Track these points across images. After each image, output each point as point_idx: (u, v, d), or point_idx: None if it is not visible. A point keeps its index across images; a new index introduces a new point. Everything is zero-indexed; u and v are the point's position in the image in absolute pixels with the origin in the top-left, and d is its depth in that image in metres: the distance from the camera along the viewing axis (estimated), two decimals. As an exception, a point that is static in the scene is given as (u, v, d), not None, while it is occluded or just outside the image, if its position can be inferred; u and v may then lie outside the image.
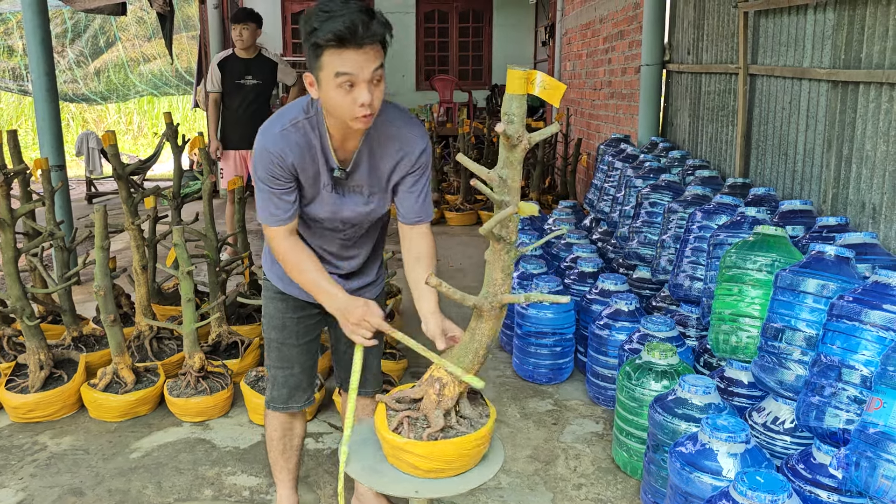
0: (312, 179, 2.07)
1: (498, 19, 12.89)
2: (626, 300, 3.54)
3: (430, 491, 1.87)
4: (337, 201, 2.11)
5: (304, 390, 2.44)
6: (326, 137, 2.02)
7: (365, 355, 2.35)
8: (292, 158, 2.00)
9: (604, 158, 5.51)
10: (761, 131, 4.23)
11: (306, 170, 2.04)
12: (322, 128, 2.02)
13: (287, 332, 2.35)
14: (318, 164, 2.05)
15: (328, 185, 2.08)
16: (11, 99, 14.99)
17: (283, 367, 2.39)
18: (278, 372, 2.39)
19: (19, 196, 3.98)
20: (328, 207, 2.12)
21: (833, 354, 2.21)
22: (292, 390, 2.41)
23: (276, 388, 2.41)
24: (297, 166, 2.02)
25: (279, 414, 2.44)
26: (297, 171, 2.03)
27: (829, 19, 3.47)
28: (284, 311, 2.34)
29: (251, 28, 5.80)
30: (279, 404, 2.42)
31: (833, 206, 3.43)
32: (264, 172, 2.02)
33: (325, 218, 2.15)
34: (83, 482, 2.92)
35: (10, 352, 3.79)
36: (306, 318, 2.36)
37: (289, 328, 2.35)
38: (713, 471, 2.18)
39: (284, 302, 2.33)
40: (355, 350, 2.10)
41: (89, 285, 5.32)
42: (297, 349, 2.37)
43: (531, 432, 3.30)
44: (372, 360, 2.52)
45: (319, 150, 2.04)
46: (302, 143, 2.01)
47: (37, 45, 5.01)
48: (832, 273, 2.42)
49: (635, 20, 6.23)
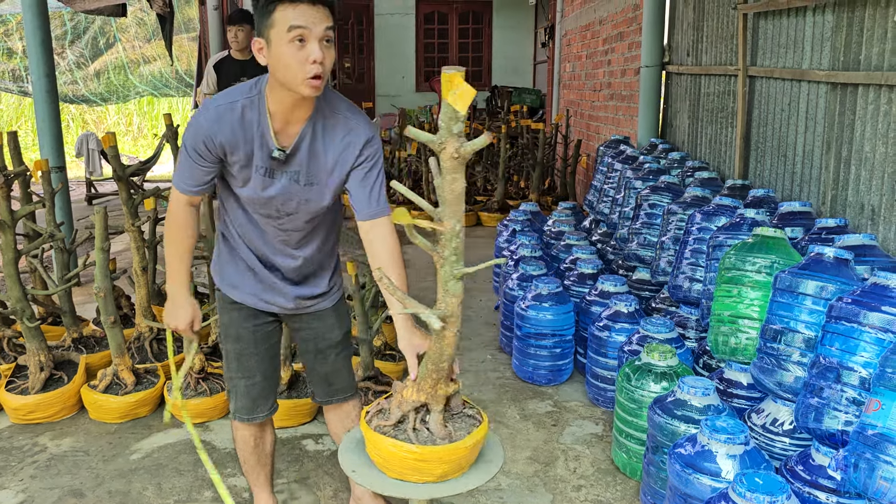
0: (244, 160, 2.03)
1: (497, 20, 12.91)
2: (625, 302, 3.54)
3: (428, 492, 1.87)
4: (269, 186, 2.06)
5: (267, 398, 2.40)
6: (266, 118, 2.00)
7: (325, 368, 2.39)
8: (222, 138, 1.99)
9: (603, 160, 5.52)
10: (760, 133, 4.24)
11: (237, 151, 2.02)
12: (263, 108, 2.00)
13: (244, 342, 2.30)
14: (252, 145, 2.01)
15: (262, 167, 2.04)
16: (11, 100, 15.00)
17: (245, 377, 2.33)
18: (240, 382, 2.34)
19: (19, 197, 3.98)
20: (261, 191, 2.07)
21: (832, 356, 2.21)
22: (256, 400, 2.37)
23: (239, 399, 2.36)
24: (226, 147, 2.01)
25: (248, 426, 2.41)
26: (226, 152, 2.02)
27: (828, 21, 3.48)
28: (239, 321, 2.29)
29: (246, 30, 5.81)
30: (245, 415, 2.38)
31: (832, 208, 3.44)
32: (191, 143, 2.03)
33: (258, 202, 2.09)
34: (83, 483, 2.93)
35: (10, 353, 3.80)
36: (262, 325, 2.31)
37: (245, 338, 2.30)
38: (712, 472, 2.18)
39: (238, 311, 2.28)
40: (167, 333, 2.30)
41: (89, 287, 5.32)
42: (256, 358, 2.32)
43: (531, 433, 3.31)
44: (337, 370, 2.43)
45: (257, 131, 2.00)
46: (236, 124, 1.99)
47: (37, 47, 5.02)
48: (831, 275, 2.43)
49: (635, 22, 6.24)
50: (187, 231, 2.15)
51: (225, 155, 2.03)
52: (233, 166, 2.05)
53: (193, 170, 2.07)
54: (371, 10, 12.78)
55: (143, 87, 11.64)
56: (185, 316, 2.19)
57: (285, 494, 2.83)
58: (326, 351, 2.37)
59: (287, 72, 1.89)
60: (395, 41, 12.88)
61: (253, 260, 2.21)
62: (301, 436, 3.28)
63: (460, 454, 1.87)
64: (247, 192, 2.09)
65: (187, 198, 2.13)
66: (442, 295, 1.71)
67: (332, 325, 2.35)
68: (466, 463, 1.93)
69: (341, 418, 2.49)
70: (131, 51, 11.49)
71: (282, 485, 2.88)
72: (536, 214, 5.63)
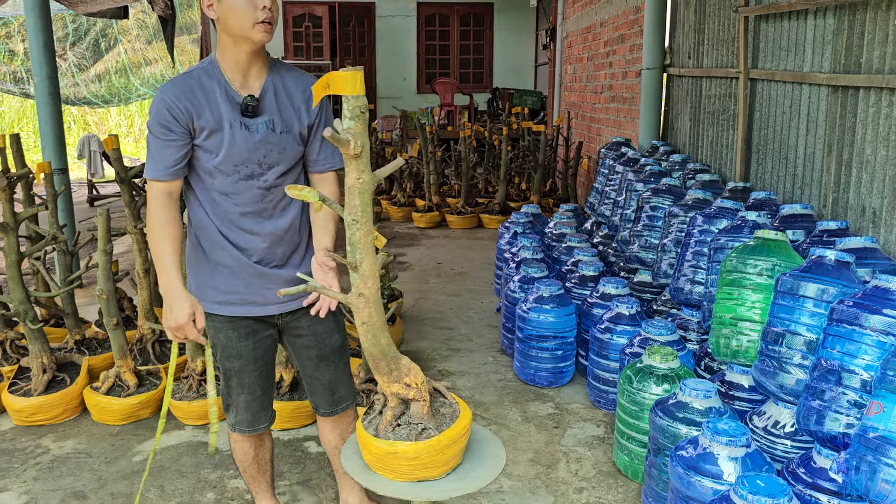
0: (214, 123, 2.06)
1: (499, 23, 12.92)
2: (626, 304, 3.55)
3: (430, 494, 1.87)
4: (248, 137, 2.09)
5: (267, 409, 2.42)
6: (224, 79, 2.08)
7: (328, 375, 2.38)
8: (186, 103, 2.03)
9: (605, 162, 5.52)
10: (762, 135, 4.24)
11: (203, 113, 2.05)
12: (218, 72, 2.08)
13: (244, 360, 2.28)
14: (218, 106, 2.06)
15: (236, 121, 2.08)
16: (13, 102, 15.02)
17: (245, 393, 2.33)
18: (241, 398, 2.34)
19: (22, 200, 4.00)
20: (241, 146, 2.09)
21: (833, 359, 2.22)
22: (256, 413, 2.37)
23: (239, 413, 2.36)
24: (192, 111, 2.04)
25: (248, 437, 2.41)
26: (192, 116, 2.04)
27: (829, 24, 3.49)
28: (238, 340, 2.26)
29: None
30: (246, 427, 2.38)
31: (833, 211, 3.44)
32: (155, 122, 2.05)
33: (239, 160, 2.10)
34: (86, 485, 2.93)
35: (13, 355, 3.80)
36: (261, 340, 2.30)
37: (245, 356, 2.28)
38: (714, 474, 2.19)
39: (235, 330, 2.25)
40: (173, 345, 2.25)
41: (91, 289, 5.33)
42: (255, 374, 2.32)
43: (532, 436, 3.31)
44: (340, 376, 2.43)
45: (219, 90, 2.07)
46: (196, 88, 2.05)
47: (39, 49, 5.03)
48: (832, 277, 2.43)
49: (636, 24, 6.25)
50: (170, 224, 2.10)
51: (192, 121, 2.05)
52: (201, 135, 2.07)
53: (163, 150, 2.06)
54: (372, 11, 12.80)
55: (145, 89, 11.66)
56: (184, 309, 2.08)
57: (287, 496, 2.84)
58: (329, 357, 2.37)
59: (238, 18, 1.98)
60: (396, 43, 12.90)
61: (235, 255, 2.18)
62: (303, 437, 3.29)
63: (439, 449, 1.90)
64: (223, 157, 2.08)
65: (164, 187, 2.10)
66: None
67: (331, 328, 2.35)
68: (449, 457, 1.95)
69: (339, 428, 2.49)
70: (132, 53, 11.51)
71: (284, 487, 2.89)
72: (538, 216, 5.64)
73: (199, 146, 2.09)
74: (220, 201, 2.15)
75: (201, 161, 2.11)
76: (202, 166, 2.12)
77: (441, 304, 5.24)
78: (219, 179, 2.12)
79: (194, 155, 2.11)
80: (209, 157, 2.09)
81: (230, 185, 2.13)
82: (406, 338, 4.51)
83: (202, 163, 2.11)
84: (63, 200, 5.10)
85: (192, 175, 2.16)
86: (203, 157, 2.10)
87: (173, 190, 2.12)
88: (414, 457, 1.90)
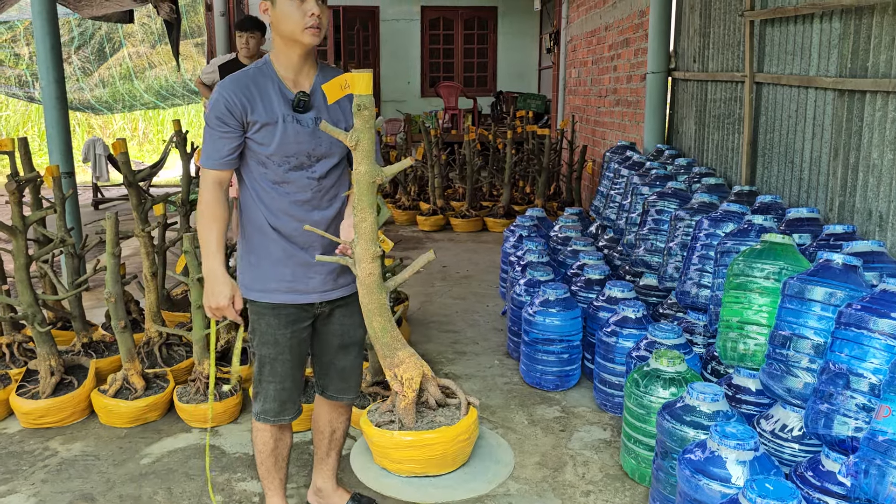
0: (268, 115, 2.22)
1: (503, 26, 12.93)
2: (633, 307, 3.55)
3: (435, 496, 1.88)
4: (299, 131, 2.24)
5: (294, 402, 2.48)
6: (278, 77, 2.26)
7: (344, 363, 2.53)
8: (242, 97, 2.20)
9: (609, 165, 5.53)
10: (767, 139, 4.25)
11: (256, 108, 2.21)
12: (272, 71, 2.26)
13: (280, 348, 2.37)
14: (272, 100, 2.23)
15: (288, 115, 2.24)
16: (18, 105, 15.07)
17: (275, 382, 2.40)
18: (270, 386, 2.41)
19: (30, 203, 4.01)
20: (291, 138, 2.24)
21: (841, 362, 2.22)
22: (284, 403, 2.44)
23: (267, 402, 2.43)
24: (247, 105, 2.20)
25: (270, 427, 2.47)
26: (246, 111, 2.20)
27: (835, 28, 3.49)
28: (277, 328, 2.35)
29: (257, 36, 5.89)
30: (271, 417, 2.44)
31: (840, 215, 3.44)
32: (212, 115, 2.22)
33: (291, 151, 2.25)
34: (94, 488, 2.94)
35: (20, 358, 3.82)
36: (298, 331, 2.39)
37: (282, 344, 2.37)
38: (722, 478, 2.19)
39: (277, 318, 2.35)
40: (212, 322, 2.42)
41: (98, 292, 5.35)
42: (289, 364, 2.40)
43: (539, 439, 3.32)
44: (354, 367, 2.57)
45: (273, 88, 2.24)
46: (251, 84, 2.23)
47: (46, 53, 5.05)
48: (840, 281, 2.43)
49: (641, 28, 6.26)
50: (219, 210, 2.26)
51: (245, 115, 2.20)
52: (253, 128, 2.22)
53: (217, 142, 2.23)
54: (377, 15, 12.83)
55: (149, 97, 11.69)
56: (225, 292, 2.24)
57: (295, 500, 2.85)
58: (350, 347, 2.52)
59: (289, 23, 2.17)
60: (400, 47, 12.92)
61: (282, 244, 2.30)
62: (310, 441, 3.29)
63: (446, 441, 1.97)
64: (275, 148, 2.23)
65: (216, 176, 2.25)
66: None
67: (359, 322, 2.47)
68: (426, 458, 2.02)
69: (332, 415, 2.62)
70: (137, 58, 11.54)
71: (291, 489, 2.89)
72: (542, 220, 5.64)
73: (251, 138, 2.24)
74: (271, 190, 2.28)
75: (254, 152, 2.26)
76: (255, 157, 2.26)
77: (447, 307, 5.25)
78: (270, 169, 2.26)
79: (247, 146, 2.26)
80: (262, 148, 2.24)
81: (281, 175, 2.26)
82: (412, 340, 4.52)
83: (255, 153, 2.26)
84: (70, 204, 5.12)
85: (245, 166, 2.30)
86: (256, 148, 2.25)
87: (224, 179, 2.28)
88: (379, 444, 1.98)
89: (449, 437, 2.65)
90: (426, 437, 2.63)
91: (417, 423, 2.64)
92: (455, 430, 2.66)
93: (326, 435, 2.66)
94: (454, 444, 2.70)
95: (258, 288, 2.33)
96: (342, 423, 2.66)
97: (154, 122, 16.67)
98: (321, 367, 2.55)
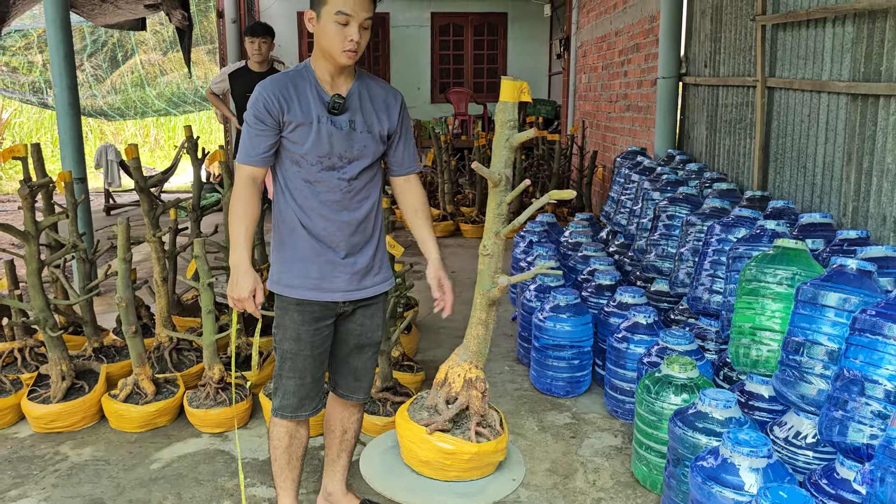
0: (302, 118, 2.29)
1: (513, 32, 12.93)
2: (644, 313, 3.53)
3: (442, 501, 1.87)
4: (333, 132, 2.31)
5: (313, 399, 2.50)
6: (316, 80, 2.33)
7: (358, 363, 2.58)
8: (280, 97, 2.28)
9: (620, 171, 5.51)
10: (779, 144, 4.22)
11: (293, 107, 2.29)
12: (311, 74, 2.34)
13: (302, 344, 2.41)
14: (309, 101, 2.30)
15: (323, 117, 2.31)
16: (32, 112, 15.19)
17: (295, 378, 2.44)
18: (290, 382, 2.45)
19: (42, 208, 4.03)
20: (325, 139, 2.31)
21: (856, 369, 2.19)
22: (302, 400, 2.47)
23: (286, 398, 2.47)
24: (284, 105, 2.28)
25: (286, 422, 2.50)
26: (283, 110, 2.28)
27: (848, 32, 3.47)
28: (300, 323, 2.40)
29: (269, 42, 5.93)
30: (288, 413, 2.48)
31: (853, 220, 3.41)
32: (252, 113, 2.30)
33: (324, 151, 2.31)
34: (104, 493, 2.95)
35: (32, 362, 3.83)
36: (322, 329, 2.43)
37: (304, 340, 2.41)
38: (735, 485, 2.16)
39: (301, 314, 2.40)
40: (233, 313, 2.46)
41: (109, 296, 5.37)
42: (310, 360, 2.44)
43: (549, 445, 3.30)
44: (367, 368, 2.62)
45: (311, 90, 2.31)
46: (290, 85, 2.31)
47: (60, 59, 5.09)
48: (854, 287, 2.41)
49: (651, 33, 6.25)
50: (251, 205, 2.32)
51: (282, 114, 2.28)
52: (288, 127, 2.29)
53: (255, 139, 2.30)
54: (387, 22, 12.86)
55: (161, 104, 11.75)
56: (248, 284, 2.28)
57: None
58: (365, 348, 2.57)
59: (329, 43, 2.26)
60: (410, 53, 12.94)
61: (310, 242, 2.36)
62: (320, 446, 3.28)
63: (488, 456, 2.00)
64: (309, 148, 2.30)
65: (251, 171, 2.33)
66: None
67: (378, 325, 2.56)
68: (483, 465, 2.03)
69: (343, 414, 2.66)
70: (149, 65, 11.61)
71: (301, 495, 2.89)
72: (553, 225, 5.63)
73: (286, 137, 2.31)
74: (304, 189, 2.34)
75: (289, 150, 2.33)
76: (290, 156, 2.33)
77: (456, 312, 5.21)
78: (304, 168, 2.33)
79: (283, 145, 2.33)
80: (296, 147, 2.31)
81: (314, 174, 2.33)
82: (422, 346, 4.51)
83: (290, 152, 2.33)
84: (82, 209, 5.14)
85: (280, 164, 2.37)
86: (291, 147, 2.32)
87: (258, 175, 2.35)
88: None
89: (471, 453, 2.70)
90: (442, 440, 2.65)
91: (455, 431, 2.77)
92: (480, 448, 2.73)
93: (338, 435, 2.68)
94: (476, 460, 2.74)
95: (285, 283, 2.38)
96: (353, 424, 2.69)
97: (165, 129, 16.77)
98: (335, 365, 2.59)
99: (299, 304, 2.39)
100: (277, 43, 9.31)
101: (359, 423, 2.71)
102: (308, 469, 3.09)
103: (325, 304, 2.41)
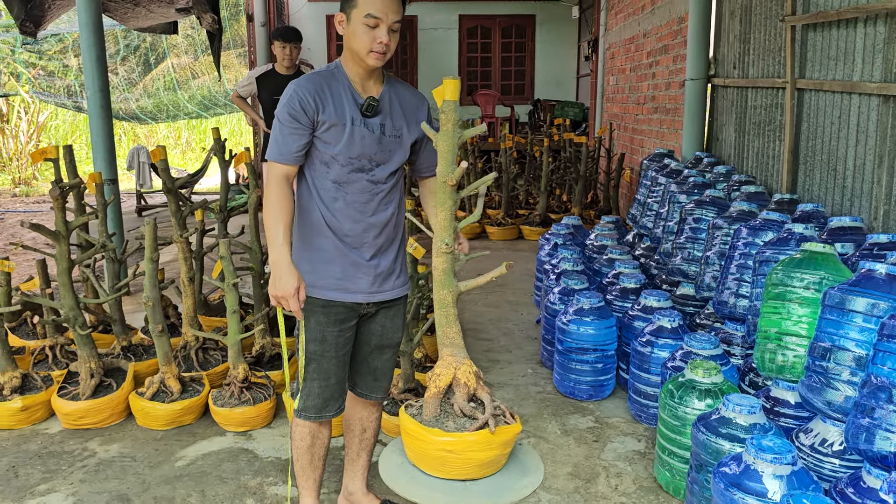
0: (335, 118, 2.31)
1: (540, 34, 12.90)
2: (669, 317, 3.50)
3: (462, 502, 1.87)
4: (365, 134, 2.34)
5: (336, 400, 2.52)
6: (348, 81, 2.36)
7: (378, 363, 2.61)
8: (315, 95, 2.29)
9: (647, 173, 5.46)
10: (809, 146, 4.16)
11: (327, 107, 2.30)
12: (343, 76, 2.36)
13: (327, 345, 2.43)
14: (342, 103, 2.32)
15: (357, 119, 2.33)
16: (67, 115, 15.49)
17: (320, 379, 2.46)
18: (314, 383, 2.46)
19: (73, 209, 4.11)
20: (357, 141, 2.33)
21: (883, 375, 2.15)
22: (326, 401, 2.49)
23: (310, 399, 2.48)
24: (318, 104, 2.30)
25: (309, 422, 2.51)
26: (317, 109, 2.29)
27: (879, 33, 3.40)
28: (325, 325, 2.41)
29: (299, 46, 6.00)
30: (312, 414, 2.49)
31: (885, 224, 3.35)
32: (285, 112, 2.30)
33: (354, 153, 2.34)
34: (130, 489, 2.99)
35: (62, 360, 3.91)
36: (346, 330, 2.45)
37: (329, 341, 2.42)
38: (758, 493, 2.13)
39: (326, 315, 2.41)
40: (278, 310, 2.39)
41: (138, 296, 5.45)
42: (335, 361, 2.45)
43: (571, 449, 3.28)
44: (387, 368, 2.64)
45: (344, 91, 2.34)
46: (324, 84, 2.33)
47: (92, 63, 5.19)
48: (883, 292, 2.36)
49: (680, 34, 6.19)
50: (285, 203, 2.31)
51: (317, 114, 2.29)
52: (322, 127, 2.31)
53: (288, 137, 2.31)
54: (415, 24, 12.90)
55: (193, 107, 11.92)
56: (291, 281, 2.27)
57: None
58: (385, 349, 2.59)
59: (358, 44, 2.27)
60: (438, 56, 12.96)
61: (335, 242, 2.38)
62: (342, 447, 3.30)
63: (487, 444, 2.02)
64: (341, 149, 2.32)
65: (283, 170, 2.33)
66: None
67: (398, 326, 2.59)
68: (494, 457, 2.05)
69: (363, 413, 2.68)
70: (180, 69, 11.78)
71: (322, 495, 2.90)
72: (579, 228, 5.60)
73: (318, 137, 2.33)
74: (332, 190, 2.36)
75: (320, 151, 2.34)
76: (320, 156, 2.35)
77: (480, 315, 5.23)
78: (333, 169, 2.35)
79: (314, 145, 2.34)
80: (328, 147, 2.33)
81: (343, 175, 2.35)
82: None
83: (321, 152, 2.34)
84: (112, 210, 5.23)
85: (309, 164, 2.38)
86: (322, 147, 2.34)
87: (290, 173, 2.35)
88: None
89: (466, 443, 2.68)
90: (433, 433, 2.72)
91: (442, 421, 2.77)
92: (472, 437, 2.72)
93: (357, 434, 2.70)
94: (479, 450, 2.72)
95: (309, 283, 2.39)
96: (373, 423, 2.71)
97: (197, 131, 17.00)
98: (355, 364, 2.60)
99: (325, 305, 2.40)
100: (307, 46, 9.39)
101: (378, 421, 2.73)
102: (329, 469, 3.10)
103: (350, 306, 2.42)
